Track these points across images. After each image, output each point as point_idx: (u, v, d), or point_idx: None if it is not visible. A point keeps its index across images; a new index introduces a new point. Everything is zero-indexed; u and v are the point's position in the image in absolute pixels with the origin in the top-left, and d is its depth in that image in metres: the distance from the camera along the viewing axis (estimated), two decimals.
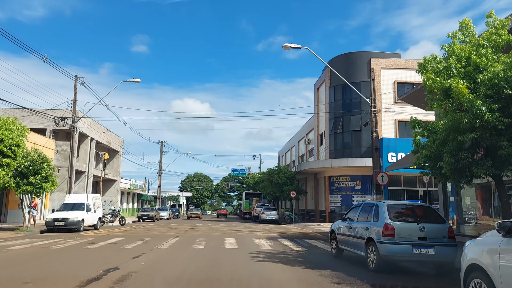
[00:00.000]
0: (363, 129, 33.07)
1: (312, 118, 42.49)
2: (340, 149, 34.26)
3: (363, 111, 33.06)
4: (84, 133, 36.70)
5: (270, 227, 27.41)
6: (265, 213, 36.18)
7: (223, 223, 34.84)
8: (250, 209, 50.03)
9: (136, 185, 52.59)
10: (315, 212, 38.98)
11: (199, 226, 27.73)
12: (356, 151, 33.15)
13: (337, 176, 34.39)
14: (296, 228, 25.96)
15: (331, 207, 34.87)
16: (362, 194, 32.76)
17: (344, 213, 12.42)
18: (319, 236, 18.57)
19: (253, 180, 61.72)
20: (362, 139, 33.06)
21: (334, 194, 34.57)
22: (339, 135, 34.33)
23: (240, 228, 26.10)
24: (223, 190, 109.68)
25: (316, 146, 39.43)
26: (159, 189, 57.82)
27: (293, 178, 37.96)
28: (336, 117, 34.83)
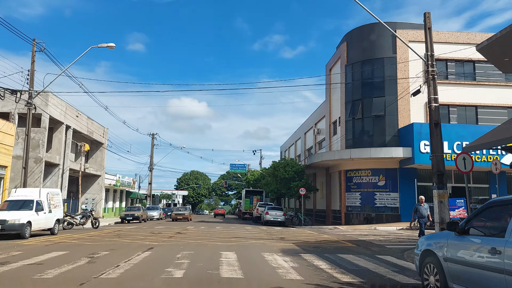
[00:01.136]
0: (388, 113, 27.68)
1: (323, 104, 37.09)
2: (359, 138, 28.86)
3: (388, 92, 27.71)
4: (56, 119, 31.22)
5: (278, 231, 22.03)
6: (269, 214, 30.79)
7: (220, 225, 29.48)
8: (251, 208, 44.63)
9: (123, 182, 47.11)
10: (327, 212, 33.60)
11: (190, 230, 22.32)
12: (379, 139, 27.78)
13: (356, 170, 29.01)
14: (312, 233, 20.57)
15: (348, 206, 29.48)
16: (386, 191, 27.39)
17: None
18: (353, 247, 13.18)
19: (253, 176, 56.30)
20: (387, 126, 27.68)
21: (351, 191, 29.19)
22: (358, 121, 28.94)
23: (241, 232, 20.70)
24: (221, 188, 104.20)
25: (328, 136, 34.02)
26: (150, 186, 52.40)
27: (302, 173, 32.57)
28: (354, 100, 29.43)
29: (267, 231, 21.95)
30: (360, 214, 28.37)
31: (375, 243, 14.42)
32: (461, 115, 27.70)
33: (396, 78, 27.74)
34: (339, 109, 31.59)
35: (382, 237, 17.19)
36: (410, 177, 26.79)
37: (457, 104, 27.63)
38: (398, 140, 27.20)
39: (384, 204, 27.34)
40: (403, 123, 27.27)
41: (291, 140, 52.16)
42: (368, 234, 19.52)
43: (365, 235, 18.82)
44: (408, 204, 26.40)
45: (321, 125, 37.75)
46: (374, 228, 23.95)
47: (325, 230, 23.26)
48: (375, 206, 27.68)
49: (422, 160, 24.95)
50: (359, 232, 20.89)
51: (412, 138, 25.27)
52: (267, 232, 21.42)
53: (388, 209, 27.23)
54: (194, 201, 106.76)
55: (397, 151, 25.61)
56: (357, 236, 18.25)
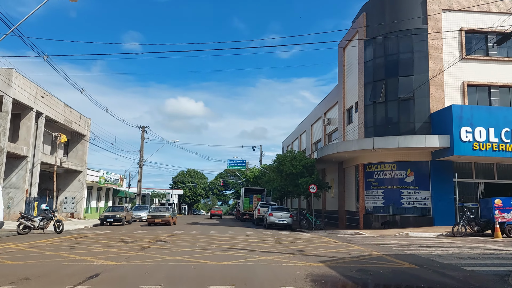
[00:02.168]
0: (417, 95, 23.05)
1: (335, 90, 32.44)
2: (381, 125, 24.22)
3: (418, 70, 23.13)
4: (24, 104, 26.48)
5: (289, 238, 17.37)
6: (273, 215, 26.11)
7: (215, 229, 24.83)
8: (250, 208, 39.98)
9: (108, 179, 42.33)
10: (340, 214, 28.95)
11: (176, 236, 17.66)
12: (406, 127, 23.15)
13: (378, 163, 24.37)
14: (334, 242, 15.90)
15: (367, 207, 24.84)
16: (415, 188, 22.75)
17: None
18: (417, 270, 8.55)
19: (253, 174, 51.65)
20: (416, 110, 23.04)
21: (372, 189, 24.55)
22: (381, 106, 24.28)
23: (242, 240, 16.01)
24: (218, 187, 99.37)
25: (342, 125, 29.37)
26: (139, 184, 47.58)
27: (312, 168, 27.90)
28: (375, 81, 24.78)
29: (275, 238, 17.28)
30: (382, 216, 23.74)
31: (439, 262, 9.79)
32: (504, 98, 23.10)
33: (427, 54, 23.12)
34: (356, 93, 26.94)
35: (435, 249, 12.57)
36: (445, 171, 22.19)
37: (500, 84, 23.02)
38: (429, 127, 22.58)
39: (413, 204, 22.72)
40: (436, 107, 22.66)
41: (295, 134, 47.50)
42: (409, 244, 14.89)
43: (406, 245, 14.18)
44: (443, 205, 21.83)
45: (332, 114, 33.11)
46: (406, 234, 19.32)
47: (346, 237, 18.59)
48: (402, 207, 23.05)
49: (463, 151, 20.34)
50: (393, 240, 16.25)
51: (450, 124, 20.65)
52: (274, 239, 16.74)
53: (418, 211, 22.60)
54: (190, 200, 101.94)
55: (432, 139, 20.99)
56: (395, 246, 13.64)
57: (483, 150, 20.27)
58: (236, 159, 46.12)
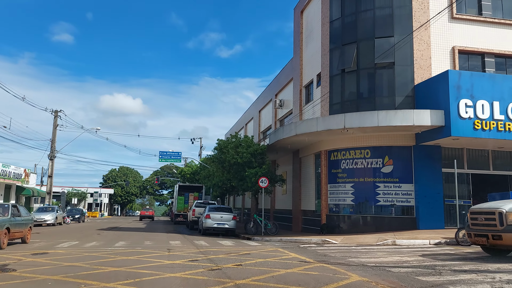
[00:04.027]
0: (399, 62, 17.98)
1: (289, 65, 26.89)
2: (352, 100, 18.88)
3: (399, 31, 18.14)
4: None
5: (232, 255, 11.27)
6: (211, 217, 19.86)
7: (131, 237, 18.17)
8: (186, 209, 33.44)
9: (5, 173, 33.54)
10: (294, 214, 23.37)
11: (48, 255, 10.88)
12: (383, 102, 18.00)
13: (345, 149, 19.04)
14: (305, 262, 10.02)
15: (331, 205, 19.42)
16: (395, 181, 17.66)
17: None
18: None
19: (190, 169, 44.98)
20: (396, 81, 17.97)
21: (338, 182, 19.16)
22: (351, 75, 18.96)
23: (153, 265, 9.62)
24: (153, 186, 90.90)
25: (298, 105, 23.81)
26: (50, 180, 39.01)
27: (262, 156, 22.00)
28: (344, 44, 19.42)
29: (210, 255, 11.10)
30: (352, 218, 18.43)
31: None
32: (500, 70, 18.72)
33: (411, 10, 18.16)
34: (318, 64, 21.49)
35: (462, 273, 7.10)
36: (432, 159, 17.33)
37: (496, 53, 18.61)
38: (413, 102, 17.60)
39: (391, 201, 17.60)
40: (421, 77, 17.74)
41: (240, 124, 41.54)
42: (411, 260, 9.43)
43: (408, 262, 8.67)
44: (429, 202, 16.95)
45: (285, 94, 27.52)
46: (393, 242, 14.03)
47: (314, 249, 12.82)
48: (378, 205, 17.86)
49: (462, 131, 15.49)
50: (386, 255, 10.75)
51: (445, 96, 15.71)
52: (209, 257, 10.55)
53: (398, 210, 17.53)
54: (123, 200, 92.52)
55: (422, 116, 15.93)
56: (394, 264, 8.11)
57: (486, 130, 15.52)
58: (170, 152, 39.17)
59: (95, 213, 68.32)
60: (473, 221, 9.96)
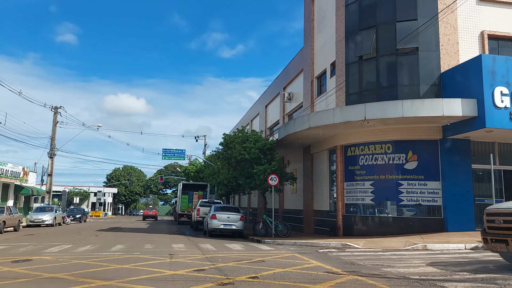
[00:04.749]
0: (423, 47, 16.37)
1: (299, 56, 25.31)
2: (371, 89, 17.28)
3: (423, 14, 16.54)
4: None
5: (243, 263, 9.72)
6: (217, 217, 18.34)
7: (131, 239, 16.68)
8: (190, 208, 31.95)
9: (3, 171, 32.18)
10: (306, 215, 21.79)
11: (33, 262, 9.39)
12: (406, 91, 16.40)
13: (364, 144, 17.44)
14: (332, 272, 8.44)
15: (349, 205, 17.83)
16: (420, 179, 16.03)
17: None
18: None
19: (195, 167, 43.47)
20: (421, 68, 16.35)
21: (356, 179, 17.56)
22: (370, 63, 17.35)
23: (151, 275, 8.08)
24: (157, 185, 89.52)
25: (310, 97, 22.22)
26: (50, 178, 37.68)
27: (271, 152, 20.44)
28: (362, 29, 17.82)
29: (217, 262, 9.56)
30: (372, 219, 16.83)
31: None
32: None
33: None
34: (332, 52, 19.90)
35: None
36: (460, 154, 15.70)
37: None
38: (439, 91, 16.00)
39: (416, 200, 15.99)
40: (448, 64, 16.11)
41: (246, 120, 39.98)
42: (459, 271, 7.85)
43: (458, 274, 7.09)
44: (459, 201, 15.35)
45: (294, 87, 25.94)
46: (424, 246, 12.43)
47: (334, 254, 11.26)
48: (400, 205, 16.26)
49: (498, 122, 13.89)
50: (423, 264, 9.17)
51: (479, 83, 14.09)
52: (216, 266, 9.02)
53: (423, 210, 15.93)
54: (127, 200, 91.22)
55: (452, 105, 14.31)
56: (443, 277, 6.56)
57: None
58: (174, 149, 37.69)
59: (98, 213, 67.05)
60: (490, 223, 8.27)
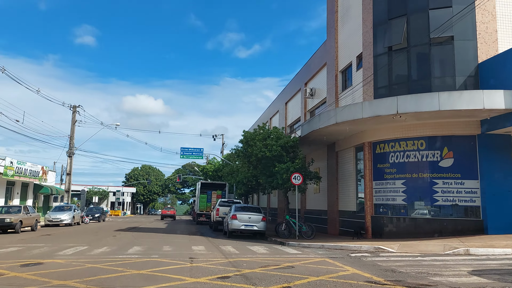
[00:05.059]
0: (458, 34, 15.21)
1: (321, 50, 24.30)
2: (402, 82, 16.19)
3: (458, 0, 15.38)
4: None
5: (271, 269, 8.85)
6: (238, 218, 17.55)
7: (149, 240, 16.00)
8: (208, 208, 31.28)
9: (21, 170, 32.12)
10: (330, 215, 20.76)
11: (44, 265, 8.72)
12: (442, 83, 15.26)
13: (394, 140, 16.35)
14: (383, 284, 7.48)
15: (378, 206, 16.76)
16: (456, 177, 14.87)
17: None
18: None
19: (213, 167, 42.85)
20: (456, 59, 15.18)
21: (386, 178, 16.48)
22: (400, 54, 16.25)
23: (170, 285, 7.25)
24: (175, 184, 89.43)
25: (334, 92, 21.19)
26: (69, 177, 37.56)
27: (294, 149, 19.51)
28: (391, 18, 16.74)
29: (242, 268, 8.72)
30: (404, 220, 15.73)
31: None
32: None
33: None
34: (358, 43, 18.85)
35: None
36: (501, 151, 14.50)
37: None
38: (476, 83, 14.82)
39: (452, 200, 14.84)
40: (486, 53, 14.91)
41: (265, 118, 39.09)
42: None
43: None
44: (500, 202, 14.15)
45: (316, 82, 24.94)
46: (466, 251, 11.33)
47: (369, 259, 10.29)
48: (435, 205, 15.12)
49: None
50: (470, 271, 8.14)
51: None
52: (242, 272, 8.18)
53: (460, 211, 14.76)
54: (145, 199, 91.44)
55: (494, 97, 13.14)
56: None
57: None
58: (191, 148, 37.14)
59: (117, 212, 67.24)
60: None
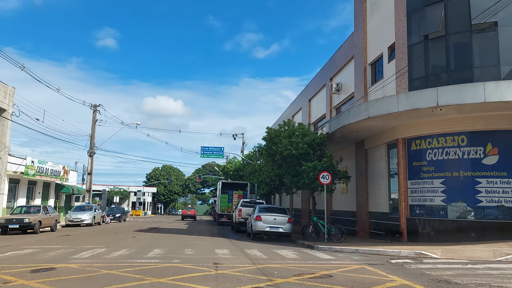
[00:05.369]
0: (503, 20, 13.90)
1: (348, 42, 23.15)
2: (440, 73, 14.95)
3: None
4: None
5: (305, 278, 7.85)
6: (263, 219, 16.62)
7: (170, 242, 15.22)
8: (230, 208, 30.45)
9: (42, 169, 32.03)
10: (359, 217, 19.60)
11: (56, 271, 7.97)
12: (485, 73, 13.96)
13: (431, 136, 15.11)
14: None
15: (414, 207, 15.54)
16: (501, 175, 13.57)
17: None
18: None
19: (234, 166, 42.06)
20: (501, 45, 13.87)
21: (422, 177, 15.26)
22: (438, 42, 15.00)
23: None
24: (195, 184, 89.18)
25: (363, 86, 20.02)
26: (90, 177, 37.44)
27: (321, 147, 18.45)
28: (427, 5, 15.52)
29: (275, 277, 7.78)
30: (443, 222, 14.48)
31: None
32: None
33: None
34: (389, 33, 17.66)
35: None
36: None
37: None
38: None
39: (497, 201, 13.54)
40: None
41: (287, 116, 38.04)
42: None
43: None
44: None
45: (343, 77, 23.80)
46: None
47: (413, 266, 9.20)
48: (478, 206, 13.84)
49: None
50: None
51: None
52: (275, 284, 7.23)
53: (507, 212, 13.45)
54: (166, 199, 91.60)
55: None
56: None
57: None
58: (212, 147, 36.48)
59: (138, 212, 67.32)
60: None
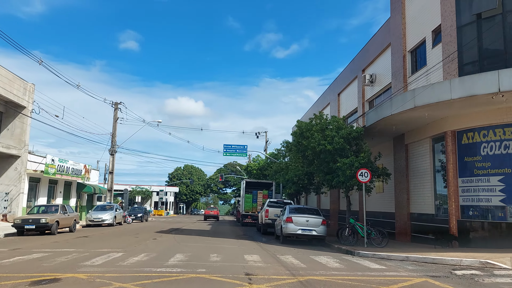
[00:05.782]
0: None
1: (382, 30, 21.39)
2: (497, 56, 13.13)
3: None
4: None
5: None
6: (294, 221, 15.16)
7: (194, 244, 13.94)
8: (254, 208, 29.11)
9: (63, 168, 31.39)
10: (399, 219, 17.85)
11: (60, 283, 6.69)
12: None
13: (485, 127, 13.30)
14: None
15: (466, 208, 13.75)
16: None
17: None
18: None
19: (257, 165, 40.68)
20: None
21: (476, 174, 13.46)
22: (493, 22, 13.19)
23: None
24: (217, 184, 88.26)
25: (402, 75, 18.23)
26: (111, 176, 36.78)
27: (358, 142, 16.83)
28: None
29: None
30: (502, 225, 12.68)
31: None
32: None
33: None
34: (433, 16, 15.88)
35: None
36: None
37: None
38: None
39: None
40: None
41: (313, 112, 36.37)
42: None
43: None
44: None
45: (377, 67, 22.05)
46: None
47: (487, 281, 7.58)
48: None
49: None
50: None
51: None
52: None
53: None
54: (188, 199, 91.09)
55: None
56: None
57: None
58: (235, 145, 35.24)
59: (160, 212, 66.82)
60: None
